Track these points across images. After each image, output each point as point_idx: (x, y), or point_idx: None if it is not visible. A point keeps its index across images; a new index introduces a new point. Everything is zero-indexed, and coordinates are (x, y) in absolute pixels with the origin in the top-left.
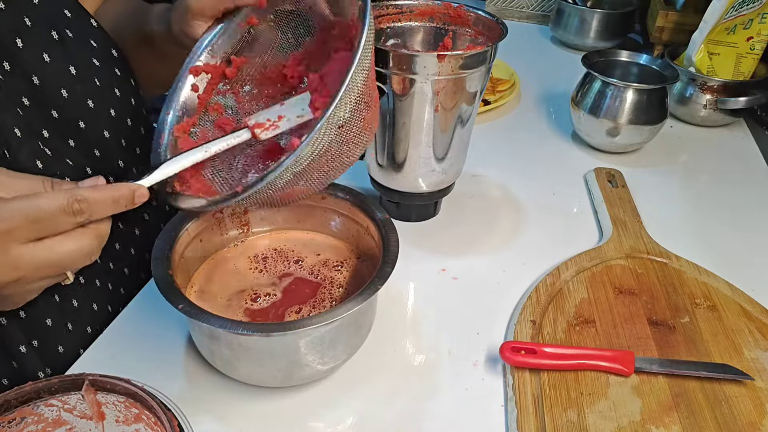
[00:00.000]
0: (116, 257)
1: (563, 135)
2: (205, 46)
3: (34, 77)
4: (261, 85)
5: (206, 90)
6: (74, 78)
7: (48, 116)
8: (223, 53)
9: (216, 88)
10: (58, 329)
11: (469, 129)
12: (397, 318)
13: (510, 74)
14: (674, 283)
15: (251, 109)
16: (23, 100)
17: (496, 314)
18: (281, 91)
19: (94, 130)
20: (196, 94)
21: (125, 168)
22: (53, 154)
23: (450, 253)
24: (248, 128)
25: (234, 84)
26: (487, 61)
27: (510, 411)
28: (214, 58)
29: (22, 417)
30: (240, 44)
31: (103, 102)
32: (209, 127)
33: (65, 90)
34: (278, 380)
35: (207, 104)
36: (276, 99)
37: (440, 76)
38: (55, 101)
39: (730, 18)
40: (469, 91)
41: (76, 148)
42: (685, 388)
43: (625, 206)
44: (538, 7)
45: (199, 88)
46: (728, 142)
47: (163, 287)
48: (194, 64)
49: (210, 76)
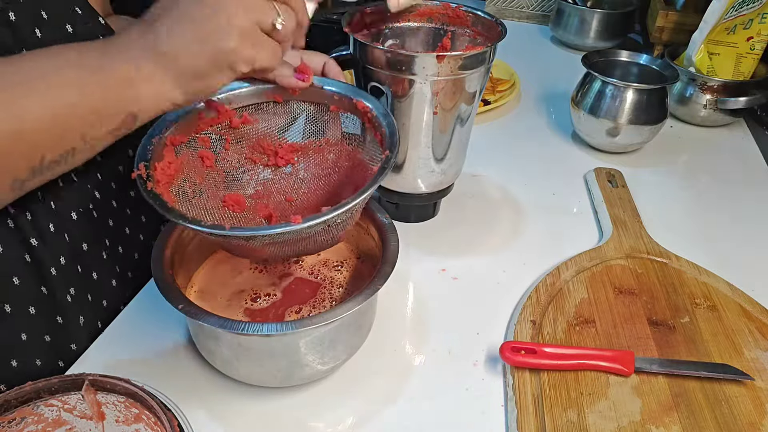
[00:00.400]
0: (122, 258)
1: (563, 135)
2: (229, 90)
3: None
4: (251, 147)
5: (207, 122)
6: None
7: None
8: (240, 105)
9: (215, 126)
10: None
11: (469, 129)
12: (397, 318)
13: (510, 74)
14: (674, 283)
15: (232, 159)
16: None
17: (496, 314)
18: (264, 162)
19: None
20: (198, 121)
21: (132, 157)
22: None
23: (450, 253)
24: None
25: (231, 133)
26: (487, 62)
27: (510, 411)
28: (230, 104)
29: (22, 417)
30: (256, 107)
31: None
32: (192, 153)
33: None
34: (278, 380)
35: (200, 133)
36: (256, 167)
37: (439, 76)
38: None
39: (730, 18)
40: (468, 92)
41: None
42: (685, 388)
43: (625, 206)
44: (538, 7)
45: (204, 116)
46: (728, 142)
47: (163, 287)
48: (211, 98)
49: (217, 114)
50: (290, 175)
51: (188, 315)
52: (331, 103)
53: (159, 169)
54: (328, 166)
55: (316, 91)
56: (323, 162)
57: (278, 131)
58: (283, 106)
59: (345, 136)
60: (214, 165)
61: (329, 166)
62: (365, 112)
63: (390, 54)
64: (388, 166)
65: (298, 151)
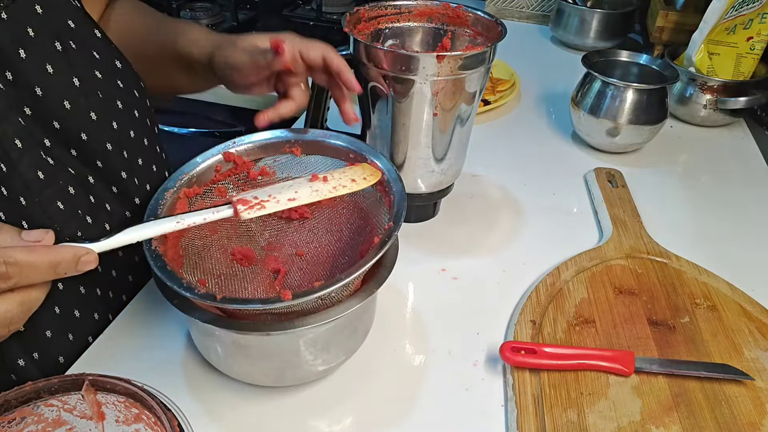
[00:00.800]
0: (119, 264)
1: (563, 135)
2: (248, 141)
3: (36, 88)
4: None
5: (224, 173)
6: (78, 90)
7: (50, 127)
8: (257, 157)
9: (232, 177)
10: (58, 340)
11: (469, 129)
12: (397, 318)
13: (510, 74)
14: (674, 283)
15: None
16: (25, 110)
17: (496, 314)
18: (278, 214)
19: (96, 141)
20: (214, 172)
21: (128, 178)
22: (55, 163)
23: (450, 253)
24: (231, 204)
25: (247, 184)
26: (487, 62)
27: (510, 411)
28: (248, 155)
29: (22, 417)
30: (274, 160)
31: (105, 114)
32: (208, 204)
33: (68, 102)
34: (271, 379)
35: (217, 183)
36: (270, 219)
37: (439, 76)
38: (57, 112)
39: (730, 18)
40: (468, 92)
41: (78, 157)
42: (685, 388)
43: (625, 206)
44: (538, 7)
45: (221, 169)
46: (728, 142)
47: (160, 282)
48: (229, 150)
49: (235, 166)
50: (303, 227)
51: (182, 310)
52: (346, 160)
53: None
54: (341, 222)
55: (332, 146)
56: (336, 217)
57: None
58: (301, 159)
59: (358, 194)
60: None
61: (341, 222)
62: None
63: (390, 54)
64: (390, 240)
65: (312, 205)
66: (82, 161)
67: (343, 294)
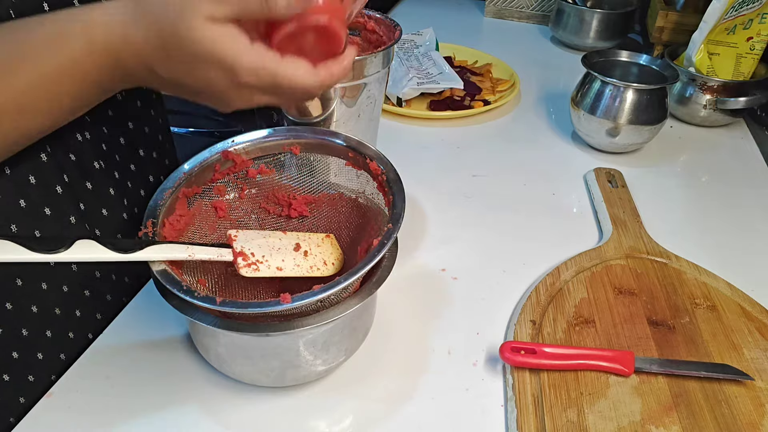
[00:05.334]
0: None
1: (563, 135)
2: (247, 140)
3: None
4: (266, 197)
5: (223, 172)
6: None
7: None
8: (256, 156)
9: (231, 175)
10: (59, 339)
11: (376, 125)
12: (397, 318)
13: (510, 74)
14: (674, 283)
15: (246, 208)
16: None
17: (496, 314)
18: (278, 212)
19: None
20: (213, 171)
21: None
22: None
23: (450, 253)
24: (232, 250)
25: (246, 182)
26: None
27: (510, 411)
28: (247, 154)
29: None
30: (273, 158)
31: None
32: (205, 203)
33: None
34: (271, 380)
35: (216, 182)
36: (269, 217)
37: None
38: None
39: (730, 18)
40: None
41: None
42: (685, 388)
43: (625, 206)
44: (538, 7)
45: (220, 168)
46: (728, 142)
47: (159, 284)
48: (228, 149)
49: (234, 165)
50: (302, 226)
51: (180, 311)
52: (346, 159)
53: (167, 224)
54: (341, 221)
55: (332, 145)
56: (336, 216)
57: (293, 183)
58: (300, 158)
59: (358, 194)
60: (227, 215)
61: (341, 220)
62: (377, 174)
63: None
64: (388, 242)
65: (311, 203)
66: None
67: (342, 295)
